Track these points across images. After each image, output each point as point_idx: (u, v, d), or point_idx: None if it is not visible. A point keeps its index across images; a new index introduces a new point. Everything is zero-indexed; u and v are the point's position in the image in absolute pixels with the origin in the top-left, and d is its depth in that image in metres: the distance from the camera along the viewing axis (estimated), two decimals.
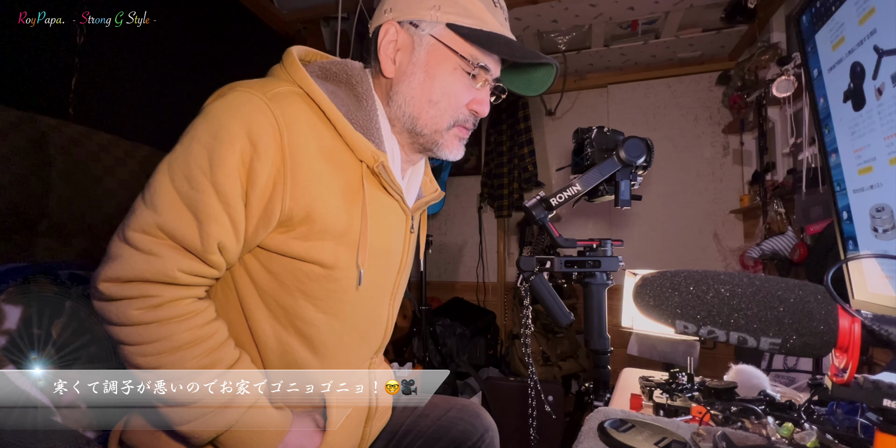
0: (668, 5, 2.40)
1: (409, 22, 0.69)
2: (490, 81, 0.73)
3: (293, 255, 0.65)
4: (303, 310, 0.68)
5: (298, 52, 0.71)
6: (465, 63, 0.69)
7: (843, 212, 0.60)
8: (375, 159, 0.66)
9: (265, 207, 0.62)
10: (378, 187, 0.70)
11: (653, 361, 1.42)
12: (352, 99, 0.69)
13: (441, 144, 0.73)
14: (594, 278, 0.88)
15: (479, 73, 0.71)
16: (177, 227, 0.59)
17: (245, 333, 0.69)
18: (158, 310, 0.60)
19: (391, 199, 0.72)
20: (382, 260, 0.73)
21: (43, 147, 1.31)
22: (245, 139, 0.60)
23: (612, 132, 0.91)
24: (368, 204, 0.67)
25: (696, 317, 0.47)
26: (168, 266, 0.59)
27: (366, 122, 0.68)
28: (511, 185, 3.09)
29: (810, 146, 1.79)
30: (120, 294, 0.59)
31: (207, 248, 0.60)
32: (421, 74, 0.70)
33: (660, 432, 0.60)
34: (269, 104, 0.61)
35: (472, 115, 0.73)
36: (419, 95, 0.70)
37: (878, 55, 0.50)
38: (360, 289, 0.69)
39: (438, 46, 0.69)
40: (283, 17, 2.43)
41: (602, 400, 0.88)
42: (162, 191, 0.60)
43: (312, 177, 0.63)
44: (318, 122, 0.65)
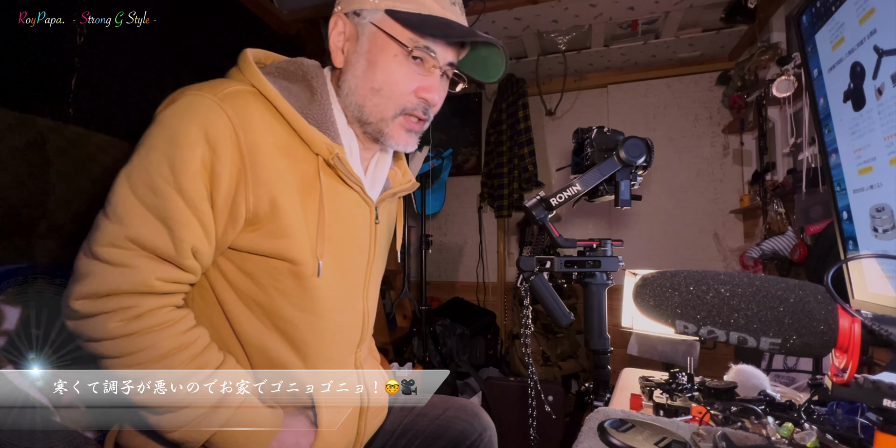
0: (668, 5, 2.40)
1: (353, 12, 0.70)
2: (439, 67, 0.71)
3: (263, 253, 0.66)
4: (280, 308, 0.68)
5: (254, 54, 0.72)
6: (403, 49, 0.68)
7: (843, 212, 0.60)
8: (330, 151, 0.67)
9: (231, 207, 0.63)
10: (336, 179, 0.71)
11: (653, 361, 1.42)
12: (307, 94, 0.70)
13: (387, 134, 0.72)
14: (594, 278, 0.88)
15: (425, 57, 0.69)
16: (148, 236, 0.59)
17: (230, 336, 0.70)
18: (139, 320, 0.59)
19: (351, 191, 0.72)
20: (348, 252, 0.73)
21: (42, 149, 1.32)
22: (203, 142, 0.60)
23: (612, 132, 0.91)
24: (326, 196, 0.68)
25: (696, 317, 0.47)
26: (144, 276, 0.59)
27: (320, 115, 0.69)
28: (511, 185, 3.09)
29: (810, 146, 1.79)
30: (96, 310, 0.59)
31: (182, 253, 0.61)
32: (364, 62, 0.70)
33: (660, 432, 0.60)
34: (220, 104, 0.61)
35: (421, 104, 0.71)
36: (362, 84, 0.70)
37: (878, 55, 0.50)
38: (330, 282, 0.70)
39: (378, 33, 0.69)
40: (283, 17, 2.43)
41: (602, 400, 0.88)
42: (125, 203, 0.59)
43: (272, 172, 0.64)
44: (272, 118, 0.66)
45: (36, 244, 1.32)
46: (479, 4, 2.36)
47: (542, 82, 3.20)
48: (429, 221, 3.28)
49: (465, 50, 0.75)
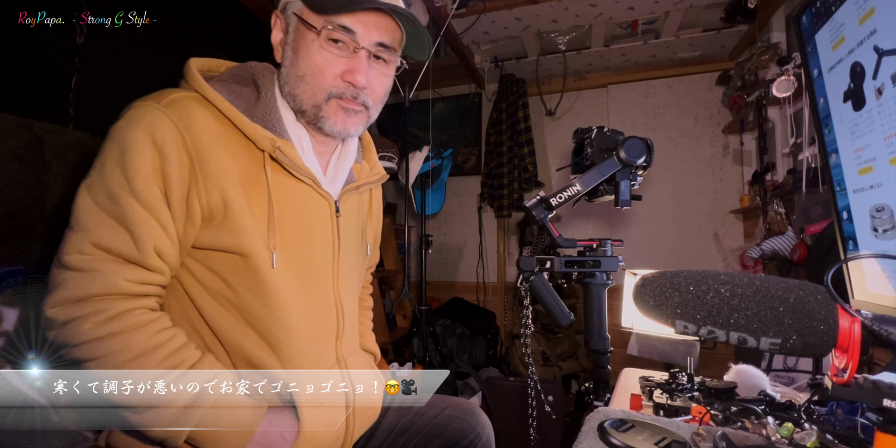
0: (668, 5, 2.40)
1: (283, 8, 0.73)
2: (363, 48, 0.70)
3: (223, 248, 0.68)
4: (248, 303, 0.69)
5: (200, 64, 0.75)
6: (314, 31, 0.69)
7: (843, 212, 0.60)
8: (272, 145, 0.68)
9: (187, 206, 0.66)
10: (283, 173, 0.72)
11: (653, 361, 1.42)
12: (253, 95, 0.73)
13: (324, 117, 0.72)
14: (594, 278, 0.88)
15: (344, 39, 0.69)
16: (110, 240, 0.62)
17: (209, 336, 0.71)
18: (112, 322, 0.61)
19: (302, 185, 0.73)
20: (307, 245, 0.74)
21: (39, 152, 1.32)
22: (151, 147, 0.64)
23: (612, 132, 0.91)
24: (274, 189, 0.70)
25: (696, 317, 0.47)
26: (112, 278, 0.62)
27: (264, 113, 0.71)
28: (511, 185, 3.08)
29: (810, 146, 1.79)
30: (70, 315, 0.61)
31: (145, 253, 0.63)
32: (290, 53, 0.72)
33: (660, 432, 0.60)
34: (164, 111, 0.65)
35: (349, 88, 0.71)
36: (290, 73, 0.72)
37: (878, 55, 0.50)
38: (289, 275, 0.71)
39: (298, 22, 0.71)
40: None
41: (602, 400, 0.88)
42: (87, 212, 0.63)
43: (219, 170, 0.67)
44: (215, 120, 0.68)
45: (33, 247, 1.32)
46: (479, 4, 2.36)
47: (542, 82, 3.20)
48: (429, 221, 3.28)
49: (400, 30, 0.74)
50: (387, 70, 0.76)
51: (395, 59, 0.76)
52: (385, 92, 0.78)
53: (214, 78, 0.73)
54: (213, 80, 0.72)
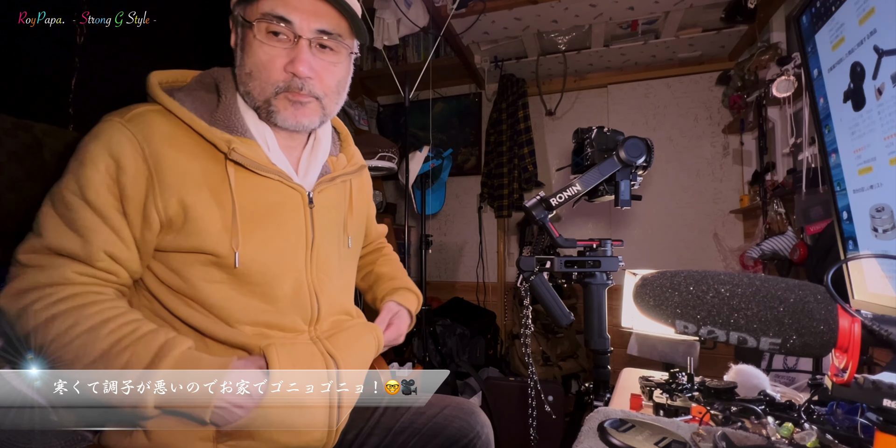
0: (668, 5, 2.40)
1: (232, 12, 0.75)
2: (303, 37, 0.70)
3: (186, 250, 0.71)
4: (208, 296, 0.71)
5: (161, 77, 0.76)
6: (249, 26, 0.70)
7: (843, 212, 0.60)
8: (228, 146, 0.70)
9: (143, 214, 0.69)
10: (246, 172, 0.73)
11: (653, 361, 1.42)
12: (215, 100, 0.75)
13: (274, 112, 0.73)
14: (594, 278, 0.88)
15: (282, 31, 0.70)
16: (62, 243, 0.66)
17: (189, 331, 0.73)
18: (60, 303, 0.64)
19: (270, 181, 0.74)
20: (279, 239, 0.75)
21: (38, 152, 1.32)
22: (108, 158, 0.67)
23: (612, 132, 0.91)
24: (240, 188, 0.72)
25: (696, 317, 0.47)
26: (61, 271, 0.65)
27: (224, 115, 0.73)
28: (511, 185, 3.08)
29: (810, 146, 1.79)
30: (20, 304, 0.64)
31: (94, 256, 0.66)
32: (239, 52, 0.74)
33: (660, 432, 0.60)
34: (126, 124, 0.69)
35: (293, 78, 0.71)
36: (241, 72, 0.73)
37: (878, 55, 0.50)
38: (258, 267, 0.73)
39: (240, 22, 0.73)
40: None
41: (602, 400, 0.88)
42: (45, 219, 0.67)
43: (179, 176, 0.69)
44: (177, 129, 0.71)
45: None
46: (479, 4, 2.36)
47: (542, 82, 3.20)
48: (429, 221, 3.28)
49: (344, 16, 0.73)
50: (335, 58, 0.75)
51: (343, 47, 0.74)
52: (338, 81, 0.77)
53: (182, 89, 0.76)
54: (180, 90, 0.75)
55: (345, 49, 0.75)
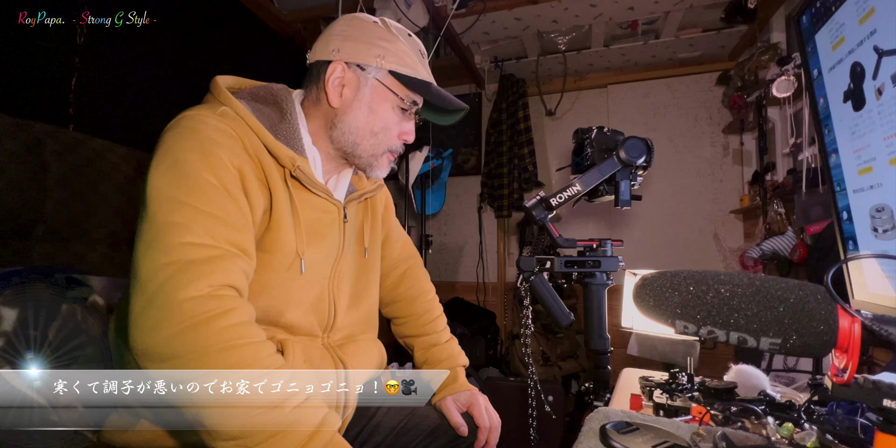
0: (668, 5, 2.40)
1: (356, 65, 0.80)
2: (415, 115, 0.86)
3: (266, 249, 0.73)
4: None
5: (225, 81, 0.80)
6: (402, 103, 0.82)
7: (843, 212, 0.60)
8: (293, 163, 0.74)
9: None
10: (300, 187, 0.77)
11: (653, 361, 1.42)
12: (277, 114, 0.79)
13: (375, 167, 0.84)
14: (594, 278, 0.88)
15: (410, 109, 0.83)
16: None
17: None
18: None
19: (317, 197, 0.80)
20: (321, 249, 0.80)
21: (38, 152, 1.32)
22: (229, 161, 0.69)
23: (612, 132, 0.91)
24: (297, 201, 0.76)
25: (696, 317, 0.47)
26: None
27: (288, 133, 0.77)
28: (511, 185, 3.08)
29: (810, 146, 1.79)
30: None
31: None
32: (366, 109, 0.81)
33: (663, 435, 0.59)
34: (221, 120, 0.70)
35: (402, 144, 0.86)
36: (363, 127, 0.81)
37: (878, 55, 0.50)
38: (303, 276, 0.76)
39: (381, 88, 0.81)
40: (283, 17, 2.43)
41: (602, 400, 0.88)
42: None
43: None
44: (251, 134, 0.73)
45: (33, 247, 1.33)
46: (479, 4, 2.36)
47: (542, 82, 3.20)
48: (429, 221, 3.28)
49: None
50: None
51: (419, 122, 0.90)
52: None
53: (237, 94, 0.78)
54: (237, 96, 0.77)
55: None
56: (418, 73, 0.82)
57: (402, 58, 0.80)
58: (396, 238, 1.04)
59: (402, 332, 1.05)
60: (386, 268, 1.02)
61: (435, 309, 1.06)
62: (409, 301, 1.04)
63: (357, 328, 0.87)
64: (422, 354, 1.00)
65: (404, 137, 0.85)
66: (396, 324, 1.06)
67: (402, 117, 0.84)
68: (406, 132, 0.85)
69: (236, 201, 0.66)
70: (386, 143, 0.83)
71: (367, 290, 0.91)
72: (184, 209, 0.61)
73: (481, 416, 0.89)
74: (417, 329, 1.02)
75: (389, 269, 1.04)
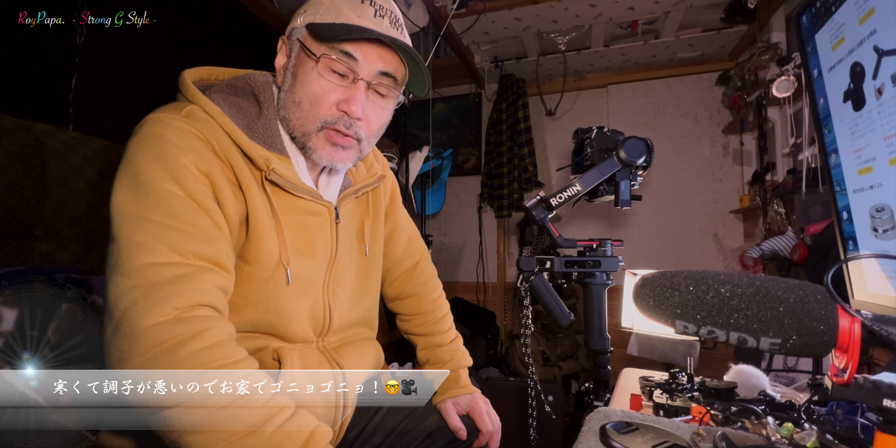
0: (668, 5, 2.40)
1: (289, 34, 0.72)
2: (361, 79, 0.69)
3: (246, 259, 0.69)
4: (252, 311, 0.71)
5: (194, 74, 0.73)
6: (313, 59, 0.68)
7: (843, 212, 0.60)
8: (268, 165, 0.67)
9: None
10: (280, 190, 0.70)
11: (653, 361, 1.42)
12: (254, 110, 0.71)
13: (312, 148, 0.71)
14: (594, 278, 0.88)
15: (344, 71, 0.69)
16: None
17: None
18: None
19: (300, 199, 0.72)
20: (309, 254, 0.74)
21: (38, 152, 1.32)
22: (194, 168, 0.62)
23: (612, 132, 0.91)
24: (276, 206, 0.69)
25: (696, 317, 0.47)
26: None
27: (265, 130, 0.70)
28: (511, 185, 3.08)
29: (810, 146, 1.79)
30: None
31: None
32: (290, 78, 0.71)
33: (663, 435, 0.60)
34: (186, 122, 0.64)
35: (343, 117, 0.70)
36: (287, 98, 0.71)
37: (877, 55, 0.50)
38: (291, 285, 0.71)
39: (301, 49, 0.70)
40: (283, 17, 2.43)
41: (602, 400, 0.88)
42: None
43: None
44: (223, 135, 0.66)
45: (32, 247, 1.33)
46: (479, 4, 2.36)
47: (542, 82, 3.20)
48: (429, 221, 3.28)
49: (403, 65, 0.73)
50: (385, 103, 0.75)
51: (394, 94, 0.75)
52: (381, 126, 0.76)
53: (212, 89, 0.72)
54: (211, 90, 0.71)
55: (395, 96, 0.76)
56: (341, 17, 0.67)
57: (323, 6, 0.69)
58: (402, 232, 0.99)
59: (407, 329, 1.01)
60: (391, 263, 0.97)
61: (441, 308, 1.01)
62: (416, 299, 1.00)
63: (354, 330, 0.86)
64: (425, 354, 0.98)
65: (344, 107, 0.69)
66: (402, 320, 1.02)
67: (337, 82, 0.69)
68: (346, 100, 0.69)
69: (207, 211, 0.61)
70: (314, 115, 0.69)
71: (367, 290, 0.88)
72: (146, 226, 0.57)
73: (483, 420, 0.88)
74: (422, 328, 0.99)
75: (395, 265, 0.99)
